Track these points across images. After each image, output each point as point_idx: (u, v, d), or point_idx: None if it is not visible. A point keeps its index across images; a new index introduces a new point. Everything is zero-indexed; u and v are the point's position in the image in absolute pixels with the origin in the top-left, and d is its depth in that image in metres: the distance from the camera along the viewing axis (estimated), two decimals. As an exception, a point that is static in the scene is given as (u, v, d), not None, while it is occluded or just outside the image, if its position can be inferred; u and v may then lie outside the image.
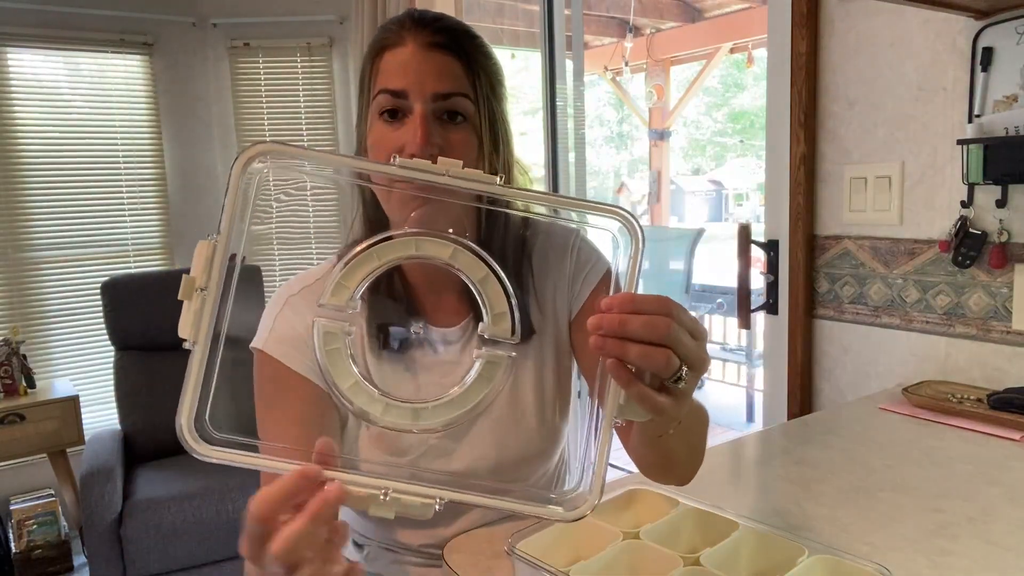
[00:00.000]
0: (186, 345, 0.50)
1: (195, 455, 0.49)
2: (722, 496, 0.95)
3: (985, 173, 1.28)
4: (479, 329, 0.55)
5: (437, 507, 0.50)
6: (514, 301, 0.55)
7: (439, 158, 0.54)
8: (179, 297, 0.50)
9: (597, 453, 0.53)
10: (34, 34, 2.84)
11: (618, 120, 14.96)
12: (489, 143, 0.79)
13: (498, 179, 0.54)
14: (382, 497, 0.50)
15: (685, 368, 0.53)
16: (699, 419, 0.77)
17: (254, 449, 0.51)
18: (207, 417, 0.50)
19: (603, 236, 0.57)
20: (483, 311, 0.55)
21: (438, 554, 0.85)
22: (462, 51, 0.77)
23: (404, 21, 0.78)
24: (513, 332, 0.54)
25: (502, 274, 0.54)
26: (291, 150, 0.52)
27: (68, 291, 2.99)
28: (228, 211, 0.51)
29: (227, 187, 0.51)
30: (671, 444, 0.70)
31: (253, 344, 0.82)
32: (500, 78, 0.83)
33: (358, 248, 0.54)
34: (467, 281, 0.55)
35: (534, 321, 0.87)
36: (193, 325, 0.50)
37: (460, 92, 0.76)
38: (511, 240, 0.85)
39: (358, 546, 0.93)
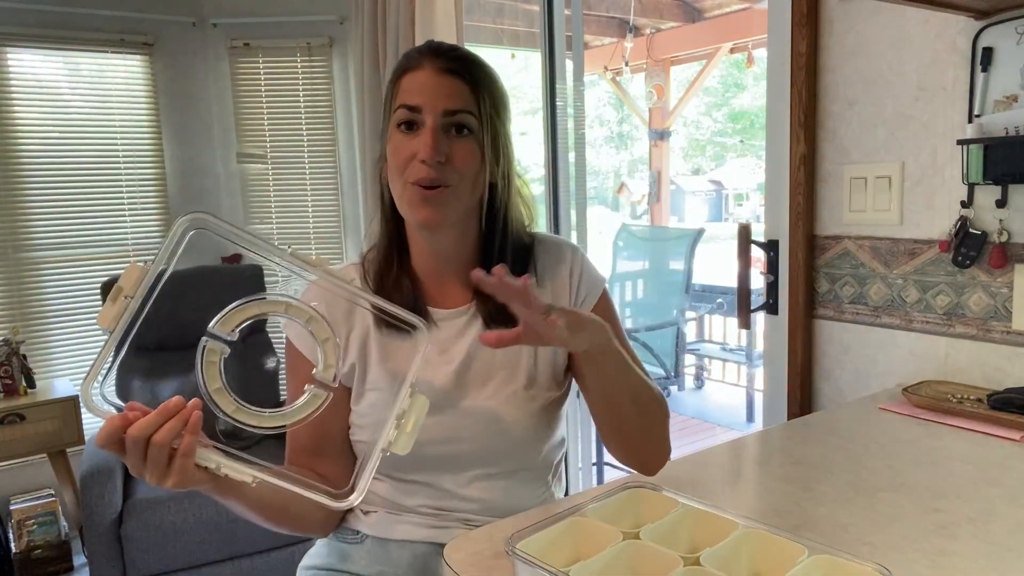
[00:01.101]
0: (104, 334, 0.68)
1: (87, 408, 0.69)
2: (722, 496, 0.96)
3: (985, 173, 1.29)
4: (313, 372, 0.77)
5: (252, 484, 0.72)
6: (342, 361, 0.82)
7: (316, 257, 0.76)
8: (108, 298, 0.68)
9: (369, 467, 0.76)
10: (34, 34, 2.84)
11: (618, 120, 14.97)
12: (491, 154, 0.93)
13: (358, 280, 0.80)
14: (216, 470, 0.71)
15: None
16: (644, 389, 0.91)
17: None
18: (102, 388, 0.68)
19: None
20: (319, 362, 0.77)
21: (435, 512, 0.97)
22: (470, 76, 0.91)
23: (424, 50, 0.93)
24: (334, 380, 0.77)
25: (338, 340, 0.79)
26: (218, 224, 0.72)
27: (68, 291, 2.99)
28: (163, 253, 0.69)
29: (168, 237, 0.70)
30: (618, 401, 0.90)
31: (283, 326, 0.98)
32: (504, 100, 0.96)
33: (242, 301, 0.73)
34: (315, 339, 0.76)
35: None
36: (114, 319, 0.68)
37: (466, 109, 0.90)
38: (512, 244, 0.99)
39: (364, 513, 1.00)
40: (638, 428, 0.93)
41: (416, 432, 0.77)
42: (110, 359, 0.69)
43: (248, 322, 0.73)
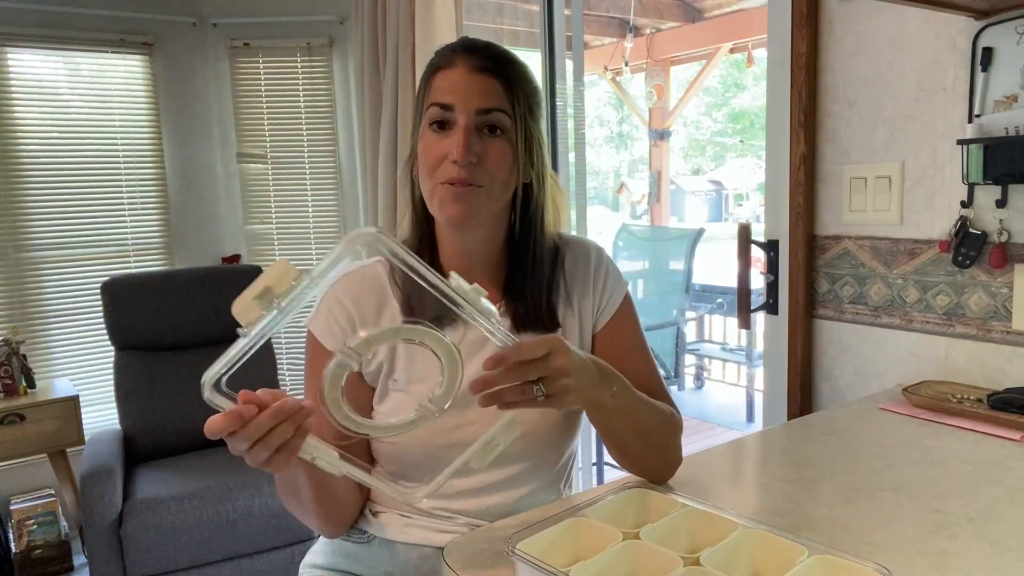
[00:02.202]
0: (239, 330, 0.66)
1: (204, 397, 0.67)
2: (722, 496, 0.96)
3: (985, 173, 1.29)
4: (428, 394, 0.73)
5: (339, 476, 0.74)
6: (459, 388, 0.73)
7: (473, 287, 0.73)
8: (253, 291, 0.65)
9: (446, 472, 0.76)
10: (34, 34, 2.84)
11: (618, 120, 14.98)
12: (524, 153, 0.92)
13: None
14: (312, 461, 0.73)
15: (537, 388, 0.74)
16: (650, 418, 0.92)
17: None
18: (223, 381, 0.67)
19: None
20: (440, 386, 0.73)
21: (448, 516, 0.96)
22: (504, 74, 0.90)
23: (457, 47, 0.92)
24: (446, 407, 0.74)
25: (462, 371, 0.73)
26: (391, 244, 0.69)
27: (68, 291, 2.99)
28: (326, 264, 0.67)
29: (334, 249, 0.68)
30: (621, 435, 0.90)
31: (306, 322, 0.99)
32: (538, 99, 0.96)
33: (385, 329, 0.73)
34: (442, 363, 0.73)
35: (561, 315, 1.00)
36: (254, 324, 0.66)
37: (499, 108, 0.89)
38: (543, 244, 0.99)
39: (374, 514, 1.00)
40: (645, 450, 0.94)
41: (496, 454, 0.76)
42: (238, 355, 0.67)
43: (385, 348, 0.77)
